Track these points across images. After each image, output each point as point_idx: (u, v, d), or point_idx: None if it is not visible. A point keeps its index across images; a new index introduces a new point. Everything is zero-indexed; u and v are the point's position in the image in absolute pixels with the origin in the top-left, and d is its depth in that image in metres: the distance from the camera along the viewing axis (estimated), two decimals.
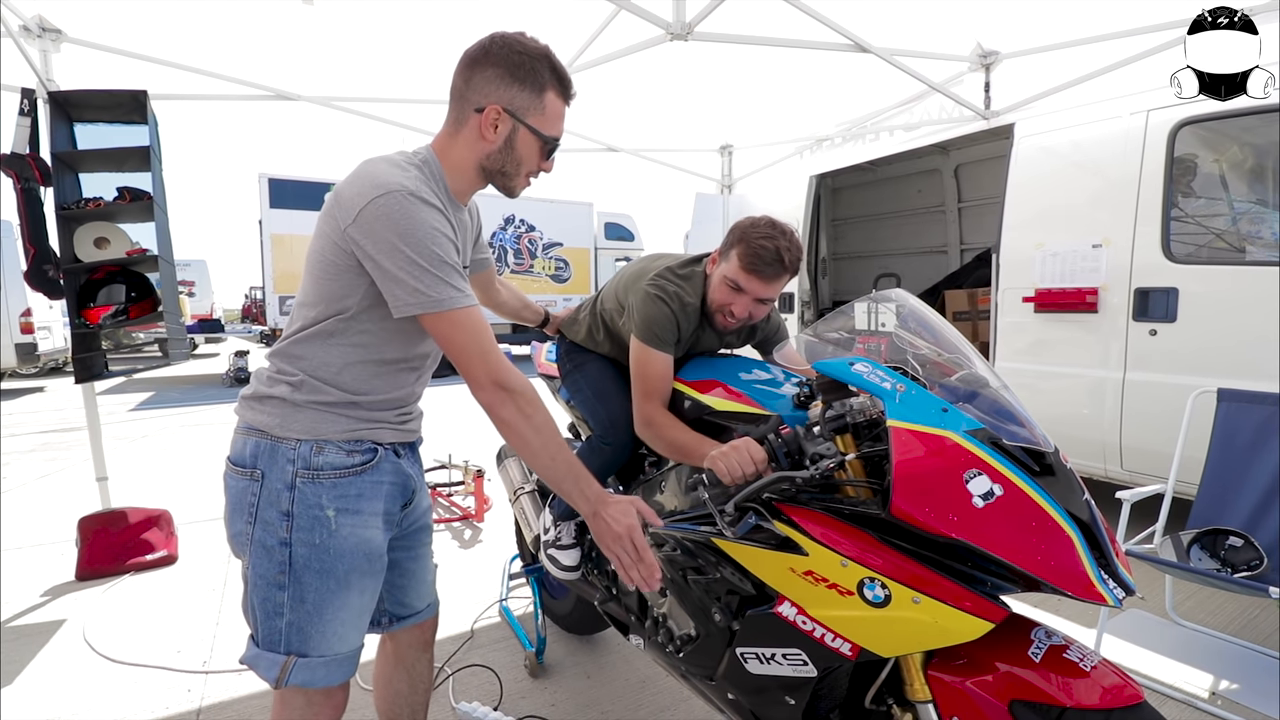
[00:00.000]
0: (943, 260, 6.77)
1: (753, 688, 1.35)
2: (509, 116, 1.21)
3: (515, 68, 1.20)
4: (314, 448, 1.21)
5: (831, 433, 1.25)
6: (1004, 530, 1.04)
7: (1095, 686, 1.05)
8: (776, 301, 1.82)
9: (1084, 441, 3.53)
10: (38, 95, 3.08)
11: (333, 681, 1.25)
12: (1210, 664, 2.38)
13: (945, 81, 4.16)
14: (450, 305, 1.13)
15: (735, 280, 1.66)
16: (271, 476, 1.20)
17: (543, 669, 2.38)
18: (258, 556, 1.21)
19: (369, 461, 1.25)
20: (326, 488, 1.21)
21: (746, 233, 1.64)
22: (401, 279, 1.11)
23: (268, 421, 1.21)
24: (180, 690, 2.28)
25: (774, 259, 1.60)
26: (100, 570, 3.21)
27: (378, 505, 1.27)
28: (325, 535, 1.20)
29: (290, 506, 1.19)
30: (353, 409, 1.24)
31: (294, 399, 1.21)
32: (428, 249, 1.11)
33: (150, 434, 6.90)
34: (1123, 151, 3.38)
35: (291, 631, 1.21)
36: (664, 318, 1.72)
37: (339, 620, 1.23)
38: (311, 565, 1.20)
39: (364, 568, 1.25)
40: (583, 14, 3.33)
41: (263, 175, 11.03)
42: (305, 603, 1.20)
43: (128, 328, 3.46)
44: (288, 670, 1.20)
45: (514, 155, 1.26)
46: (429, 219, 1.12)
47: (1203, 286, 3.10)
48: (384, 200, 1.10)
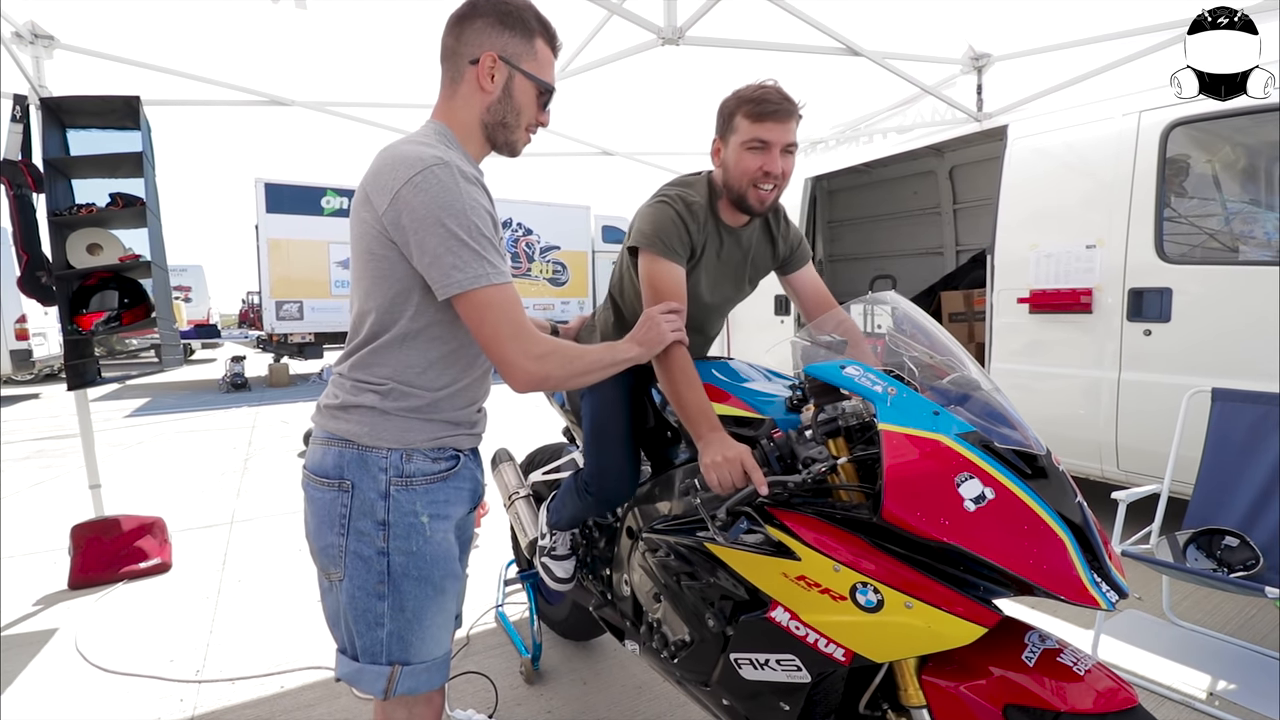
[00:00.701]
0: (939, 261, 6.78)
1: (747, 693, 1.34)
2: (504, 64, 1.21)
3: (504, 15, 1.21)
4: (404, 455, 1.20)
5: (824, 436, 1.24)
6: (995, 534, 1.03)
7: (1089, 690, 1.05)
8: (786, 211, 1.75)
9: (1080, 442, 3.53)
10: (30, 101, 3.07)
11: (434, 685, 1.26)
12: (1208, 664, 2.38)
13: (938, 84, 4.17)
14: (489, 280, 1.11)
15: (756, 137, 1.55)
16: (363, 486, 1.18)
17: (539, 675, 2.37)
18: (354, 568, 1.19)
19: (452, 468, 1.26)
20: (420, 494, 1.21)
21: (739, 96, 1.58)
22: (443, 256, 1.08)
23: (356, 430, 1.19)
24: (173, 700, 2.26)
25: (780, 98, 1.54)
26: (93, 579, 3.19)
27: (460, 510, 1.30)
28: (421, 542, 1.20)
29: (386, 515, 1.18)
30: (436, 412, 1.23)
31: (383, 406, 1.19)
32: (470, 222, 1.09)
33: (145, 440, 6.87)
34: (1115, 153, 3.39)
35: (393, 641, 1.20)
36: (668, 220, 1.59)
37: (436, 625, 1.24)
38: (410, 573, 1.20)
39: (455, 572, 1.28)
40: (575, 19, 3.34)
41: (259, 180, 11.01)
42: (405, 611, 1.20)
43: (121, 334, 3.45)
44: (394, 680, 1.20)
45: (513, 104, 1.25)
46: (468, 191, 1.11)
47: (1196, 286, 3.11)
48: (425, 176, 1.08)
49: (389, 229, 1.11)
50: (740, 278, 1.82)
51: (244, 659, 2.50)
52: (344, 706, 2.21)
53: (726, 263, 1.75)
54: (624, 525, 1.86)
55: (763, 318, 5.49)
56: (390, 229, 1.11)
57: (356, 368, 1.22)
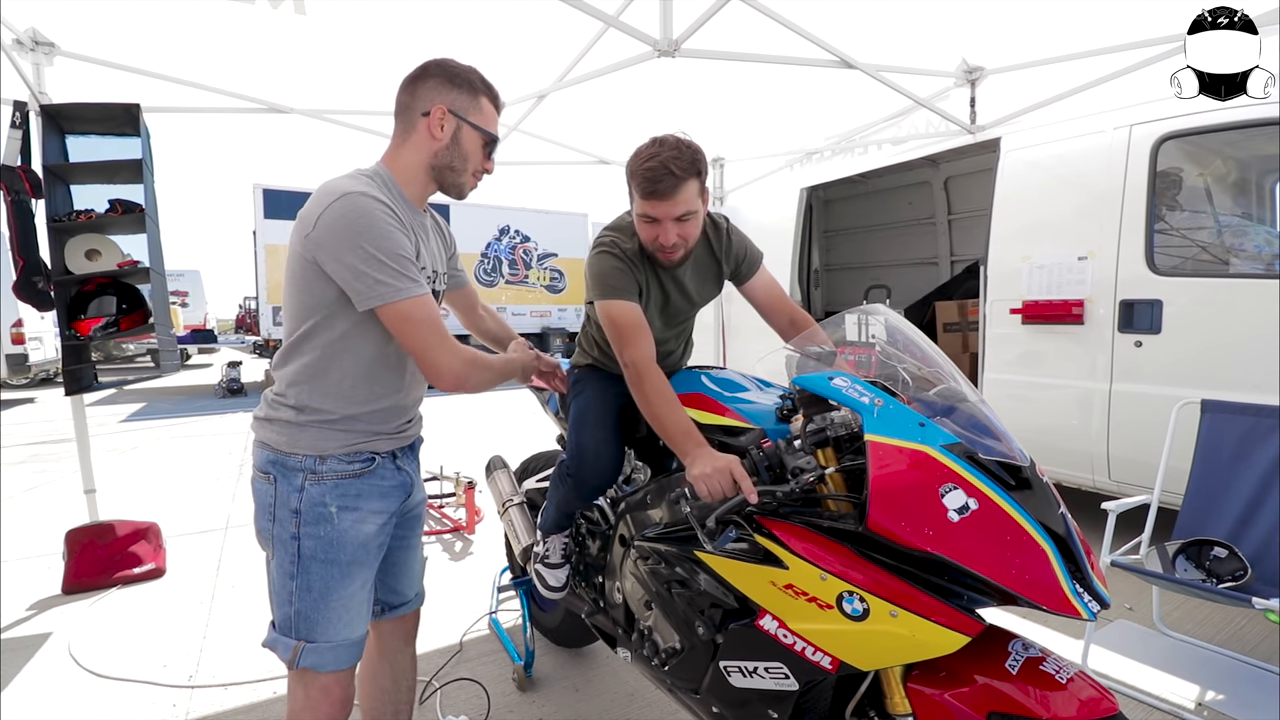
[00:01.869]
0: (933, 272, 6.81)
1: (736, 701, 1.35)
2: (453, 116, 1.38)
3: (453, 75, 1.39)
4: (318, 459, 1.35)
5: (812, 446, 1.26)
6: (978, 544, 1.05)
7: (1072, 699, 1.06)
8: (705, 213, 1.72)
9: (1072, 452, 3.55)
10: (30, 108, 3.09)
11: (339, 666, 1.38)
12: (1197, 675, 2.39)
13: (931, 97, 4.21)
14: (407, 294, 1.24)
15: (644, 213, 1.60)
16: (283, 481, 1.34)
17: (531, 682, 2.37)
18: (278, 550, 1.36)
19: (366, 468, 1.39)
20: (329, 487, 1.35)
21: (632, 166, 1.60)
22: (362, 271, 1.22)
23: (277, 439, 1.36)
24: (166, 705, 2.26)
25: (663, 174, 1.53)
26: (87, 583, 3.18)
27: (375, 504, 1.40)
28: (328, 528, 1.34)
29: (299, 505, 1.33)
30: (351, 423, 1.37)
31: (298, 420, 1.35)
32: (385, 246, 1.23)
33: (141, 445, 6.86)
34: (1106, 165, 3.43)
35: (299, 619, 1.34)
36: (610, 267, 1.67)
37: (343, 608, 1.36)
38: (317, 555, 1.33)
39: (362, 559, 1.39)
40: (571, 31, 3.37)
41: (257, 186, 11.04)
42: (312, 591, 1.34)
43: (118, 339, 3.46)
44: (298, 653, 1.34)
45: (460, 150, 1.41)
46: (382, 216, 1.25)
47: (1187, 298, 3.14)
48: (340, 203, 1.23)
49: (313, 250, 1.25)
50: (688, 304, 1.88)
51: (237, 664, 2.50)
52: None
53: (670, 297, 1.82)
54: (616, 533, 1.88)
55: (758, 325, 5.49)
56: (315, 250, 1.25)
57: (279, 381, 1.38)
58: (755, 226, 6.03)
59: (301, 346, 1.34)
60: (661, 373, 1.57)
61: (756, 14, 3.05)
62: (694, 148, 1.59)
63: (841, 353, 1.51)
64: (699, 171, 1.59)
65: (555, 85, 3.97)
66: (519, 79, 4.04)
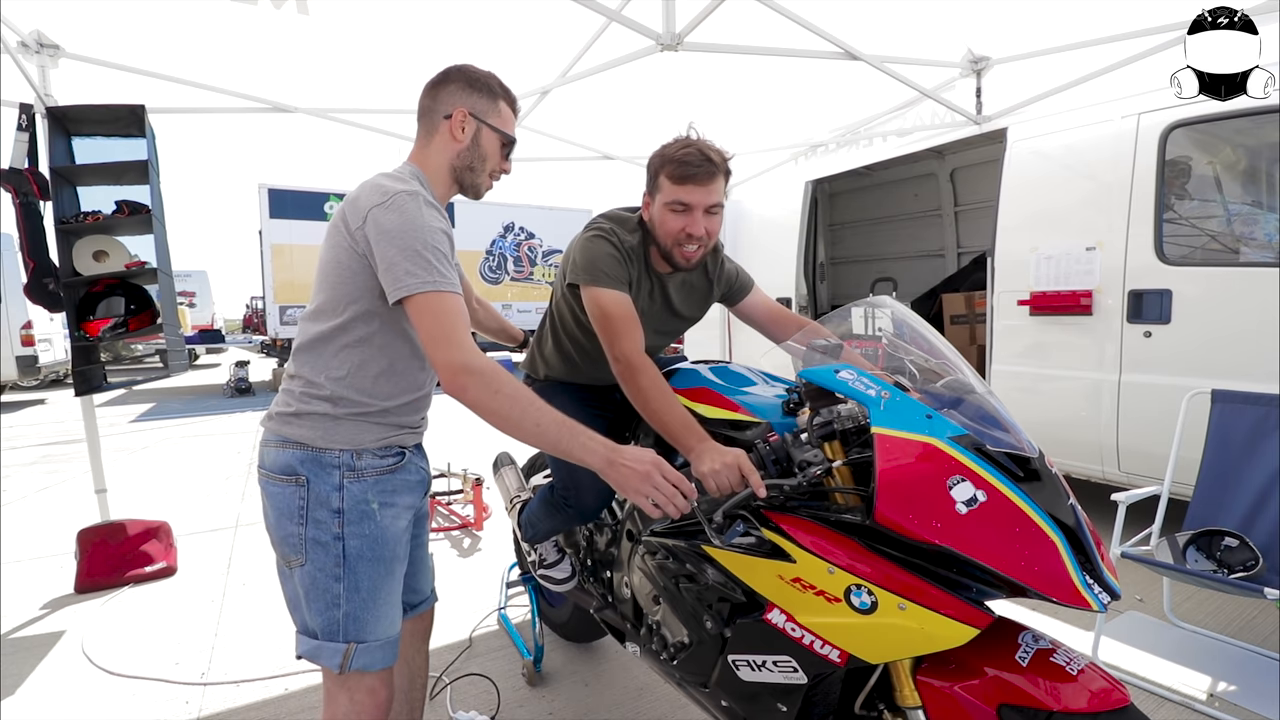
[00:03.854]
0: (940, 264, 6.78)
1: (745, 695, 1.35)
2: (473, 118, 1.43)
3: (473, 81, 1.44)
4: (355, 454, 1.34)
5: (819, 439, 1.25)
6: (987, 536, 1.04)
7: (1083, 690, 1.05)
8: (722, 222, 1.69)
9: (1081, 444, 3.53)
10: (36, 110, 3.11)
11: (387, 663, 1.38)
12: (1208, 665, 2.38)
13: (937, 87, 4.18)
14: (436, 287, 1.24)
15: (677, 199, 1.57)
16: (318, 481, 1.31)
17: (541, 677, 2.38)
18: (315, 554, 1.31)
19: (399, 462, 1.41)
20: (370, 484, 1.35)
21: (664, 154, 1.60)
22: (400, 263, 1.23)
23: (309, 435, 1.33)
24: (178, 702, 2.28)
25: (701, 159, 1.55)
26: (99, 582, 3.21)
27: (407, 499, 1.43)
28: (373, 526, 1.34)
29: (341, 504, 1.32)
30: (385, 416, 1.38)
31: (334, 413, 1.33)
32: (428, 241, 1.25)
33: (151, 445, 6.91)
34: (1114, 154, 3.40)
35: (349, 620, 1.33)
36: (606, 254, 1.62)
37: (388, 604, 1.38)
38: (365, 555, 1.33)
39: (401, 555, 1.42)
40: (574, 26, 3.36)
41: (262, 186, 11.05)
42: (360, 591, 1.33)
43: (127, 340, 3.48)
44: (350, 656, 1.32)
45: (480, 151, 1.45)
46: (431, 216, 1.28)
47: (1196, 288, 3.11)
48: (393, 200, 1.26)
49: (359, 243, 1.28)
50: (670, 316, 1.83)
51: (249, 662, 2.52)
52: None
53: (654, 306, 1.77)
54: (624, 528, 1.88)
55: None
56: (360, 243, 1.28)
57: (311, 372, 1.35)
58: (760, 220, 6.04)
59: (338, 338, 1.33)
60: (655, 366, 1.53)
61: (759, 6, 3.04)
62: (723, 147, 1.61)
63: (848, 346, 1.50)
64: (727, 170, 1.60)
65: (558, 81, 3.96)
66: (522, 75, 4.04)
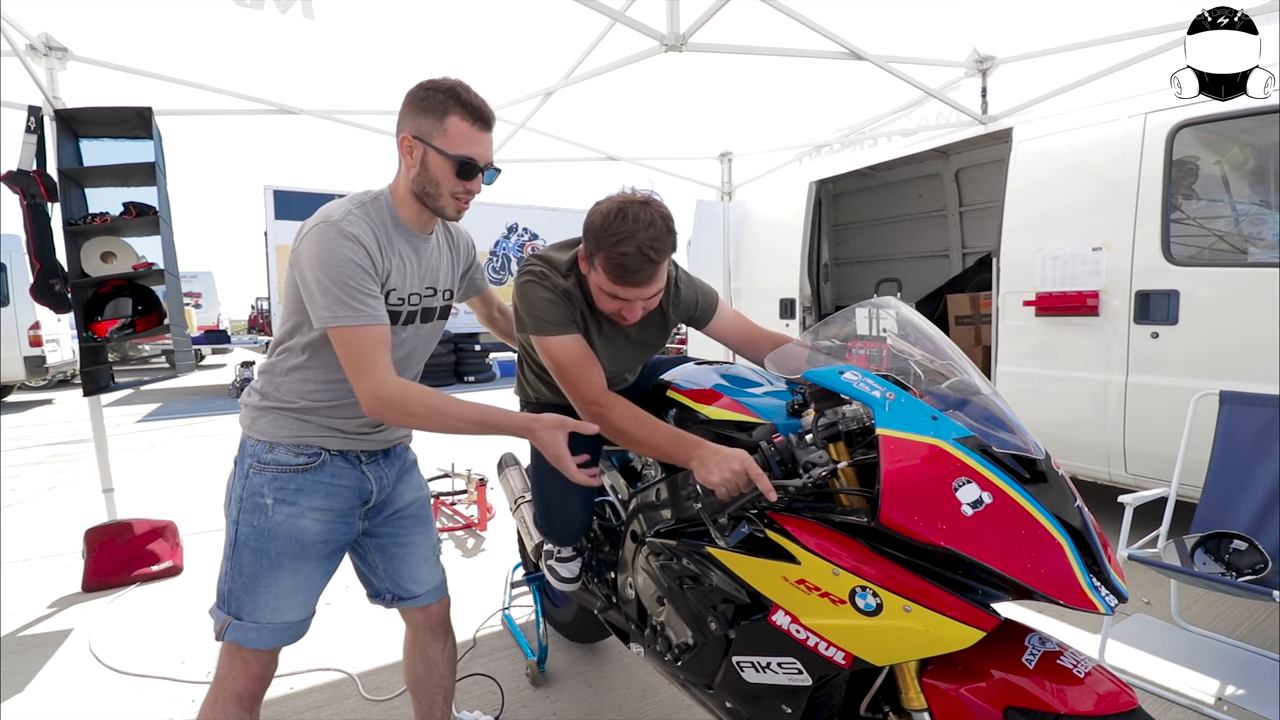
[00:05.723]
0: (945, 264, 6.76)
1: (750, 696, 1.35)
2: (418, 142, 1.40)
3: (420, 101, 1.40)
4: (267, 446, 1.44)
5: (824, 441, 1.25)
6: (993, 538, 1.04)
7: (1089, 693, 1.05)
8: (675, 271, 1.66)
9: (1088, 445, 3.51)
10: (44, 113, 3.13)
11: (261, 645, 1.45)
12: (1216, 669, 2.36)
13: (942, 87, 4.17)
14: (346, 321, 1.31)
15: (613, 292, 1.50)
16: (238, 466, 1.47)
17: (544, 678, 2.38)
18: (227, 529, 1.47)
19: (312, 463, 1.45)
20: (268, 480, 1.42)
21: (601, 241, 1.45)
22: (316, 296, 1.32)
23: (244, 420, 1.48)
24: (185, 701, 2.29)
25: (641, 262, 1.42)
26: (106, 581, 3.23)
27: (318, 501, 1.45)
28: (262, 519, 1.42)
29: (241, 491, 1.44)
30: (307, 414, 1.45)
31: (260, 405, 1.46)
32: (336, 275, 1.31)
33: (157, 445, 6.94)
34: (1121, 154, 3.38)
35: (230, 596, 1.44)
36: (543, 300, 1.57)
37: (270, 594, 1.43)
38: (249, 543, 1.42)
39: (296, 552, 1.44)
40: (578, 27, 3.36)
41: (267, 187, 11.11)
42: (242, 575, 1.43)
43: (134, 340, 3.50)
44: (225, 627, 1.43)
45: (429, 175, 1.41)
46: (344, 249, 1.32)
47: (1204, 289, 3.09)
48: (313, 231, 1.34)
49: (293, 264, 1.38)
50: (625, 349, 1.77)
51: None
52: (353, 707, 2.23)
53: (606, 339, 1.71)
54: (628, 529, 1.88)
55: (768, 321, 5.50)
56: (293, 264, 1.38)
57: (260, 372, 1.50)
58: (764, 221, 6.03)
59: (284, 342, 1.46)
60: (623, 398, 1.52)
61: (763, 7, 3.03)
62: (667, 219, 1.46)
63: (852, 346, 1.50)
64: (674, 246, 1.49)
65: (562, 82, 3.97)
66: (526, 76, 4.04)
